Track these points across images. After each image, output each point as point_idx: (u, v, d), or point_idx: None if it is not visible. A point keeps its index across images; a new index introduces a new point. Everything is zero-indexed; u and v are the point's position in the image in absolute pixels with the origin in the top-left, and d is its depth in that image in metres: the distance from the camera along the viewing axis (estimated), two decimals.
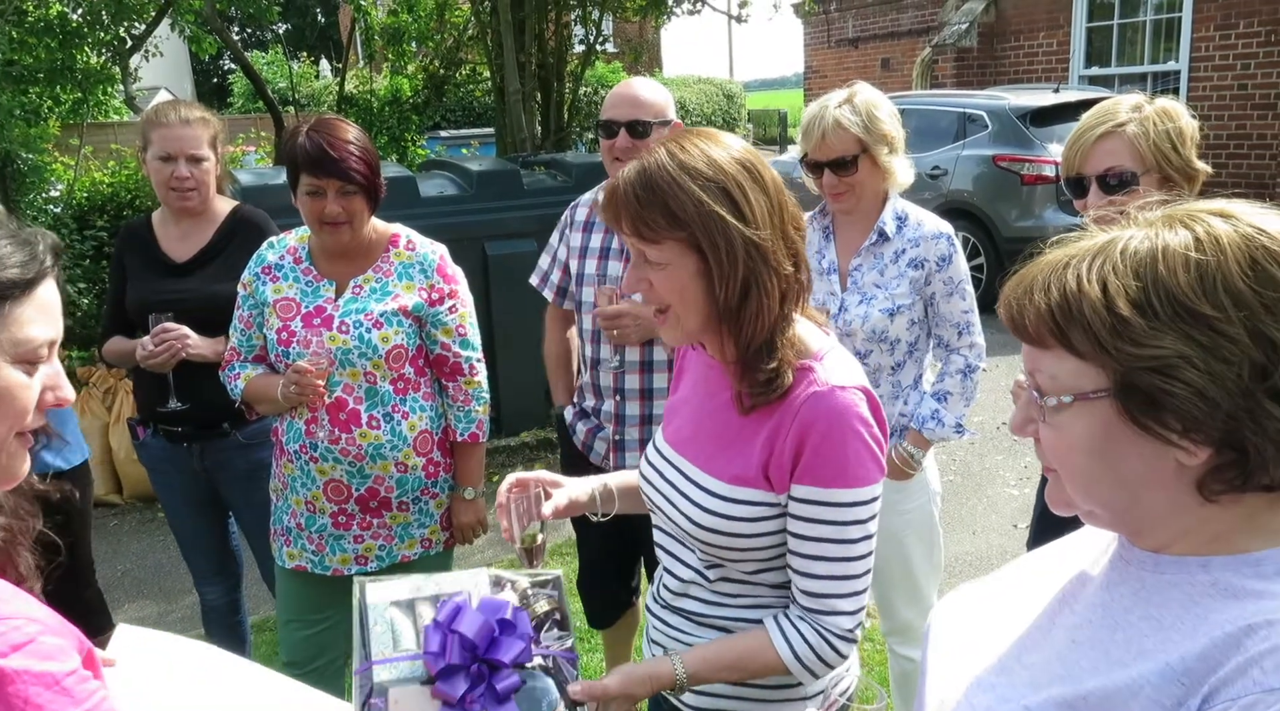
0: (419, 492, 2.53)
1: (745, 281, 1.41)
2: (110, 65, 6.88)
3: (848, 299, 2.58)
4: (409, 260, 2.49)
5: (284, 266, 2.52)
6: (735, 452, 1.50)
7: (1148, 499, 0.91)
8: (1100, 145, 2.09)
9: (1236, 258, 0.85)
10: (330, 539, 2.52)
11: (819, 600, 1.47)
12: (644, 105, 2.68)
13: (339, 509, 2.50)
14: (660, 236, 1.41)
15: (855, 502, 1.44)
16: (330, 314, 2.43)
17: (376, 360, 2.41)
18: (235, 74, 21.16)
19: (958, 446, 5.70)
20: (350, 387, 2.43)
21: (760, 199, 1.43)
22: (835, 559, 1.45)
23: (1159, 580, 0.93)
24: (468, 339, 2.54)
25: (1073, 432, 0.92)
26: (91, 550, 3.16)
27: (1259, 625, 0.83)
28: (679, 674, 1.47)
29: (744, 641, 1.52)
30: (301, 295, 2.47)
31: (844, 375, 1.46)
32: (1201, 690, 0.84)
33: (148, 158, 2.82)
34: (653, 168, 1.41)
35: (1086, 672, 0.92)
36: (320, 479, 2.47)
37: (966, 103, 9.24)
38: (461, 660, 1.41)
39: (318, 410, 2.42)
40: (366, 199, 2.38)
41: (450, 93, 10.49)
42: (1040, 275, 0.93)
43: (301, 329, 2.43)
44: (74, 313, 5.58)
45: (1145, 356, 0.85)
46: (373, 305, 2.43)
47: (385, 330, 2.41)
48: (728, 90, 22.14)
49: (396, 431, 2.46)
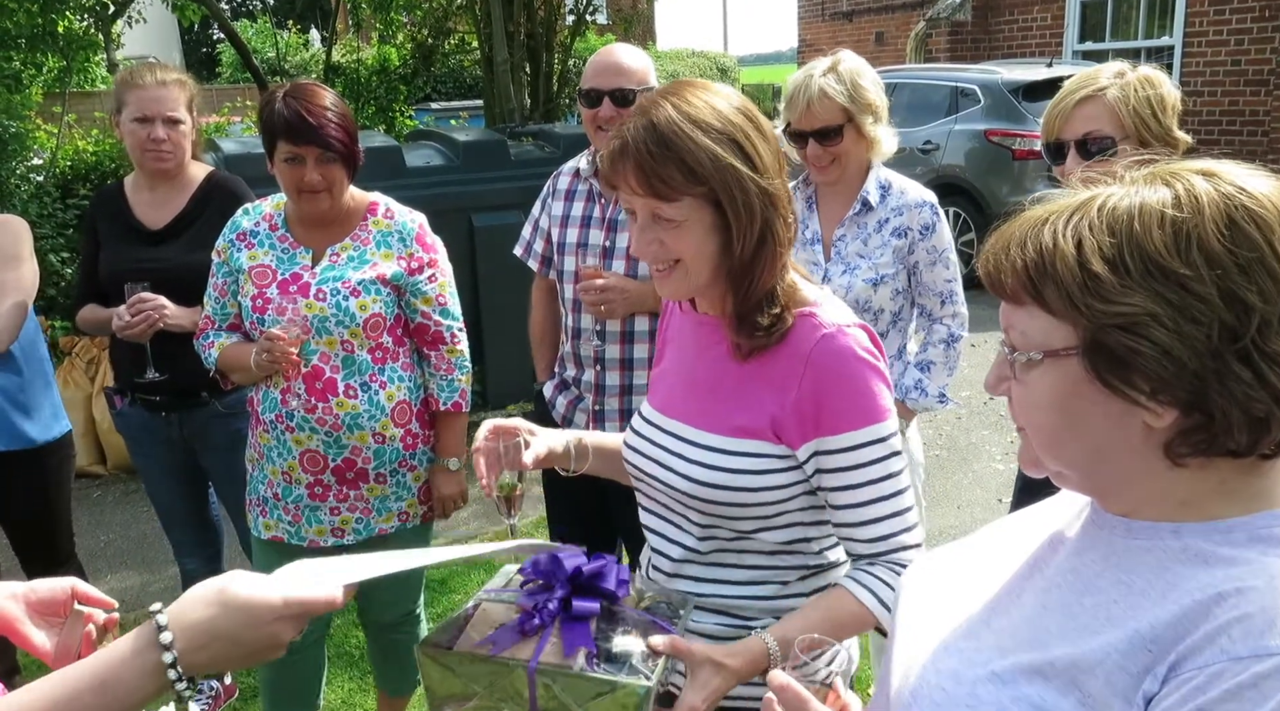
0: (396, 464, 2.50)
1: (761, 232, 1.40)
2: (93, 31, 6.78)
3: (831, 269, 2.57)
4: (387, 228, 2.46)
5: (259, 233, 2.47)
6: (736, 404, 1.48)
7: (1115, 460, 0.90)
8: (1080, 110, 2.08)
9: (1214, 217, 0.83)
10: (306, 509, 2.49)
11: (886, 542, 1.45)
12: (627, 72, 2.64)
13: (315, 479, 2.46)
14: (677, 192, 1.37)
15: (890, 435, 1.44)
16: (307, 281, 2.39)
17: (354, 328, 2.38)
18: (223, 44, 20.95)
19: (944, 421, 5.70)
20: (327, 356, 2.39)
21: (765, 147, 1.42)
22: (890, 496, 1.44)
23: (1130, 545, 0.93)
24: (448, 307, 2.51)
25: (1041, 390, 0.91)
26: (71, 522, 3.14)
27: (1228, 592, 0.83)
28: (771, 646, 1.40)
29: (824, 602, 1.47)
30: (278, 262, 2.43)
31: (844, 315, 1.47)
32: (1169, 657, 0.83)
33: (122, 119, 2.78)
34: (663, 122, 1.37)
35: (1054, 638, 0.91)
36: (296, 449, 2.44)
37: (959, 77, 9.19)
38: (550, 577, 1.42)
39: (292, 379, 2.39)
40: (345, 166, 2.34)
41: (439, 63, 10.39)
42: (1018, 232, 0.92)
43: (277, 296, 2.39)
44: (57, 282, 5.53)
45: (1114, 313, 0.84)
46: (350, 273, 2.39)
47: (363, 298, 2.38)
48: (721, 64, 21.97)
49: (374, 401, 2.43)
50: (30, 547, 3.03)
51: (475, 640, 1.38)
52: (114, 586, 4.25)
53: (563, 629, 1.36)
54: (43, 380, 2.97)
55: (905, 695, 1.00)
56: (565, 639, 1.35)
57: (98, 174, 6.13)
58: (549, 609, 1.38)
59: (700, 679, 1.36)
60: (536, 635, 1.36)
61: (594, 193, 2.75)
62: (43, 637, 1.25)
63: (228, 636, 0.99)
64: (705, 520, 1.52)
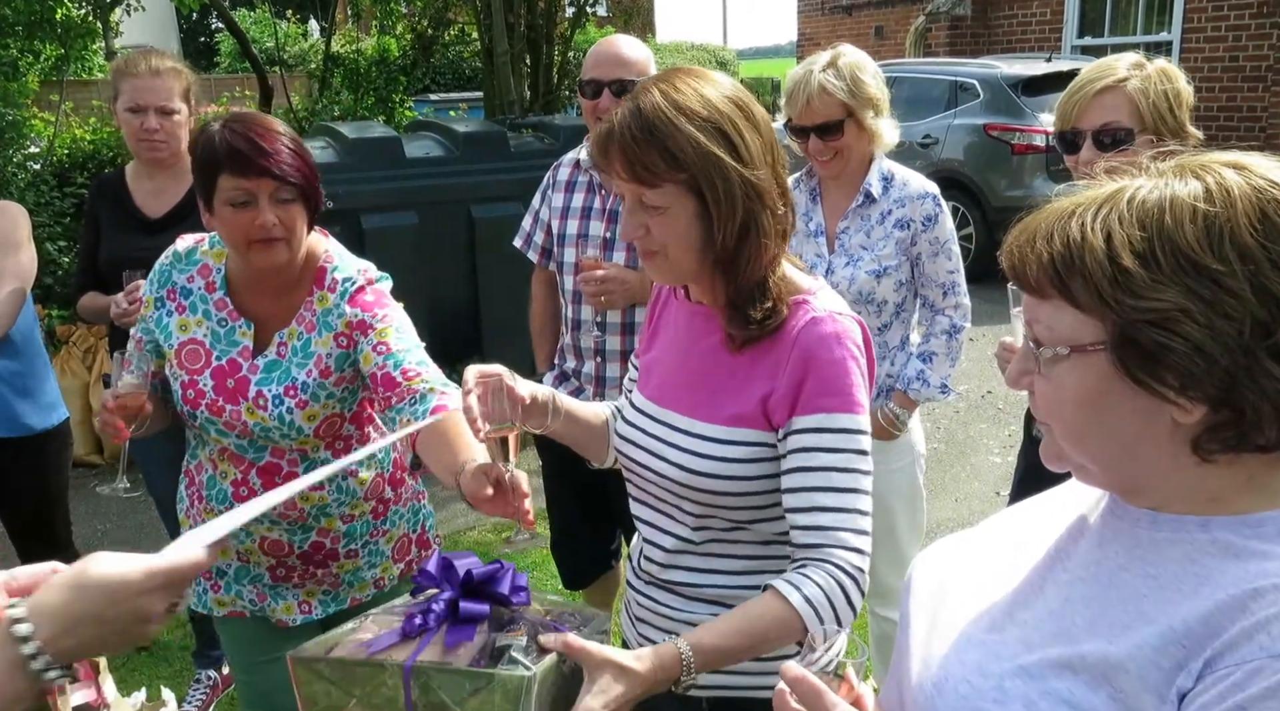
0: (368, 536, 2.14)
1: (744, 223, 1.39)
2: (91, 19, 6.75)
3: (834, 261, 2.57)
4: (328, 305, 1.97)
5: (193, 293, 2.00)
6: (731, 393, 1.47)
7: (1142, 456, 0.89)
8: (1100, 99, 2.04)
9: (1246, 211, 0.82)
10: (267, 589, 2.13)
11: (825, 533, 1.37)
12: (627, 63, 2.64)
13: (278, 562, 2.09)
14: (659, 179, 1.38)
15: (858, 429, 1.41)
16: (246, 376, 1.95)
17: (303, 439, 1.98)
18: (222, 33, 20.87)
19: (942, 414, 5.71)
20: (281, 452, 2.01)
21: (754, 138, 1.40)
22: (843, 489, 1.39)
23: (1155, 537, 0.91)
24: (392, 352, 1.92)
25: (1067, 386, 0.90)
26: (69, 510, 3.14)
27: (1265, 588, 0.81)
28: (684, 651, 1.29)
29: (749, 607, 1.35)
30: (213, 339, 1.97)
31: (837, 304, 1.46)
32: (1204, 654, 0.82)
33: (118, 108, 2.77)
34: (649, 109, 1.37)
35: (1082, 632, 0.90)
36: (254, 535, 2.05)
37: (959, 71, 9.18)
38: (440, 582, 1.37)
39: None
40: (305, 208, 1.90)
41: (438, 54, 10.36)
42: (1044, 223, 0.90)
43: (211, 390, 1.95)
44: (54, 271, 5.51)
45: (1144, 309, 0.83)
46: (296, 373, 1.95)
47: (312, 408, 1.95)
48: (721, 57, 21.95)
49: (344, 488, 2.06)
50: (28, 535, 3.03)
51: (352, 646, 1.32)
52: None
53: (447, 631, 1.31)
54: (41, 367, 2.97)
55: (928, 686, 0.99)
56: (448, 638, 1.29)
57: (95, 163, 6.12)
58: (434, 611, 1.32)
59: (600, 683, 1.23)
60: (418, 637, 1.30)
61: (594, 184, 2.74)
62: None
63: (92, 617, 0.95)
64: (700, 510, 1.51)
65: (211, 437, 2.02)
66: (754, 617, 1.33)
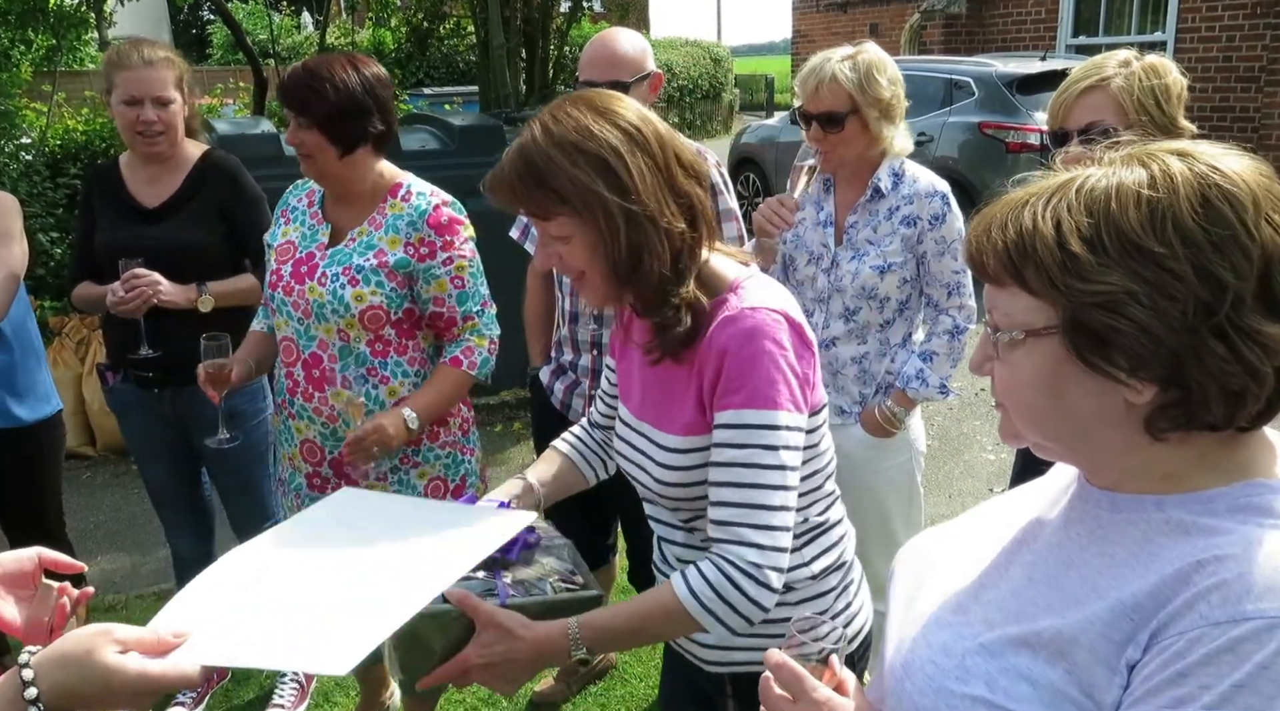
0: (398, 460, 2.38)
1: (634, 249, 1.39)
2: (84, 9, 6.72)
3: (840, 254, 2.56)
4: (400, 211, 2.32)
5: (299, 210, 2.45)
6: (678, 403, 1.49)
7: (1098, 436, 0.92)
8: (1084, 99, 2.06)
9: (1188, 196, 0.85)
10: (306, 500, 2.42)
11: (724, 529, 1.38)
12: (622, 64, 2.63)
13: (313, 470, 2.42)
14: (550, 213, 1.40)
15: (765, 425, 1.38)
16: (316, 262, 2.32)
17: (349, 319, 2.27)
18: (215, 24, 20.79)
19: (936, 411, 5.72)
20: (325, 344, 2.32)
21: (643, 162, 1.39)
22: (744, 485, 1.37)
23: (1115, 518, 0.95)
24: (465, 291, 2.34)
25: (1023, 369, 0.93)
26: (61, 503, 3.13)
27: (1207, 561, 0.85)
28: (572, 630, 1.35)
29: (645, 592, 1.44)
30: (301, 238, 2.39)
31: (759, 298, 1.44)
32: (1150, 625, 0.85)
33: (112, 101, 2.74)
34: (530, 147, 1.39)
35: (1040, 610, 0.93)
36: (297, 436, 2.41)
37: (953, 69, 9.19)
38: None
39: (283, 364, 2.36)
40: (325, 136, 2.23)
41: (433, 47, 10.34)
42: (999, 213, 0.93)
43: (289, 275, 2.33)
44: (47, 262, 5.49)
45: (1092, 292, 0.86)
46: (355, 258, 2.29)
47: (360, 288, 2.26)
48: (715, 54, 21.90)
49: (372, 395, 2.33)
50: (20, 528, 3.01)
51: None
52: (105, 567, 4.24)
53: None
54: (34, 359, 2.96)
55: (898, 668, 1.03)
56: None
57: (88, 153, 6.09)
58: None
59: (483, 639, 1.34)
60: None
61: None
62: (13, 611, 1.25)
63: (90, 697, 1.04)
64: (684, 515, 1.56)
65: (280, 321, 2.40)
66: (644, 602, 1.41)
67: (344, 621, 1.19)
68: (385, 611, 1.21)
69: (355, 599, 1.25)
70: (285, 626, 1.19)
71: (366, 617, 1.20)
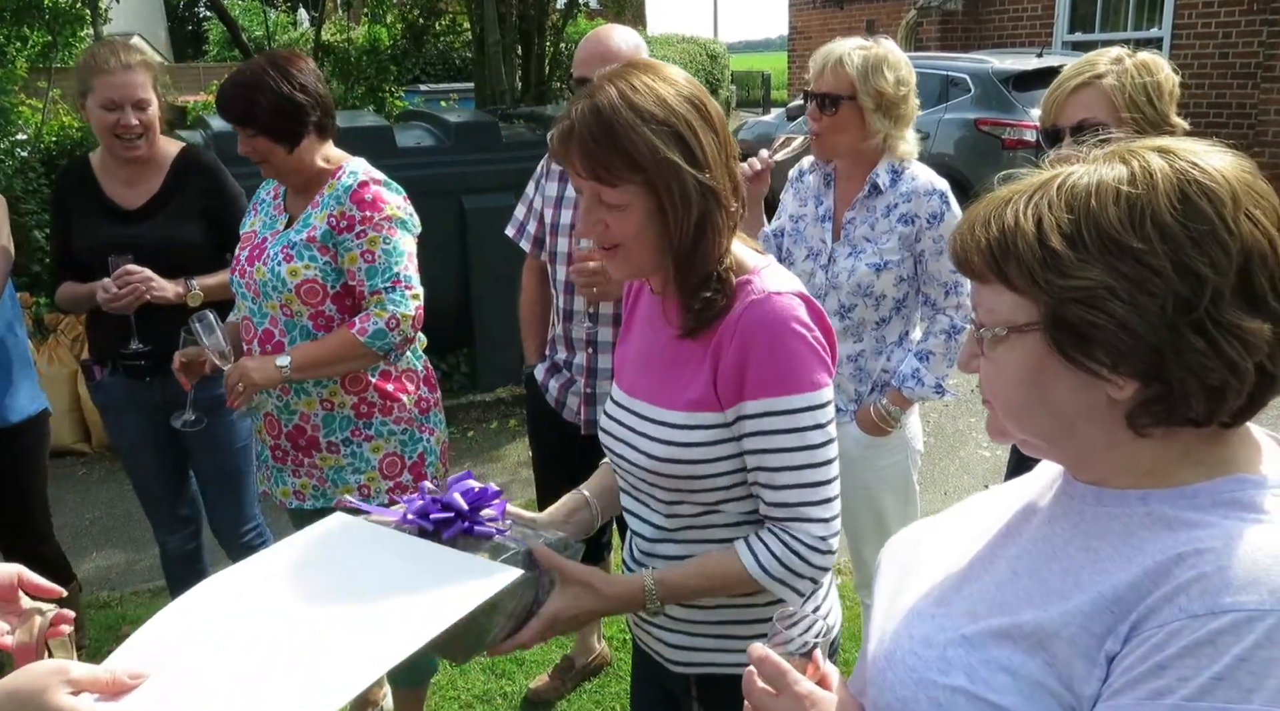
0: (349, 433, 2.47)
1: (700, 223, 1.41)
2: (79, 6, 6.71)
3: (838, 250, 2.56)
4: (333, 189, 2.42)
5: (265, 202, 2.57)
6: (688, 379, 1.49)
7: (1082, 432, 0.93)
8: (1075, 97, 2.08)
9: (1167, 192, 0.86)
10: (273, 471, 2.57)
11: (789, 509, 1.45)
12: (616, 60, 2.63)
13: (275, 443, 2.53)
14: (618, 180, 1.39)
15: (810, 406, 1.43)
16: (265, 245, 2.44)
17: (288, 294, 2.38)
18: (211, 21, 20.74)
19: (931, 408, 5.73)
20: (275, 320, 2.42)
21: (710, 138, 1.41)
22: (802, 467, 1.43)
23: (1099, 512, 0.96)
24: (375, 266, 2.36)
25: (1007, 365, 0.94)
26: (48, 503, 3.13)
27: (1188, 553, 0.86)
28: (648, 584, 1.47)
29: (711, 557, 1.51)
30: (262, 226, 2.51)
31: (780, 283, 1.46)
32: (1130, 617, 0.86)
33: (89, 104, 2.72)
34: (607, 110, 1.38)
35: (1023, 603, 0.94)
36: (259, 410, 2.51)
37: (950, 66, 9.19)
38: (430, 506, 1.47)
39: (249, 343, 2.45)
40: (271, 139, 2.34)
41: (429, 43, 10.33)
42: (983, 212, 0.95)
43: (244, 259, 2.46)
44: (42, 259, 5.48)
45: (1072, 287, 0.87)
46: (293, 236, 2.41)
47: (294, 263, 2.37)
48: (711, 50, 21.87)
49: None
50: (7, 528, 3.02)
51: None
52: (99, 564, 4.24)
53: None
54: (19, 359, 2.95)
55: (880, 660, 1.03)
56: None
57: (83, 150, 6.08)
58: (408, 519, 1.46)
59: (569, 593, 1.43)
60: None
61: None
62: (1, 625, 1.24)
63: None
64: (669, 497, 1.55)
65: (240, 303, 2.51)
66: (714, 562, 1.49)
67: (307, 677, 1.11)
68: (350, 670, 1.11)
69: (324, 652, 1.15)
70: (248, 676, 1.12)
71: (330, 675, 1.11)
